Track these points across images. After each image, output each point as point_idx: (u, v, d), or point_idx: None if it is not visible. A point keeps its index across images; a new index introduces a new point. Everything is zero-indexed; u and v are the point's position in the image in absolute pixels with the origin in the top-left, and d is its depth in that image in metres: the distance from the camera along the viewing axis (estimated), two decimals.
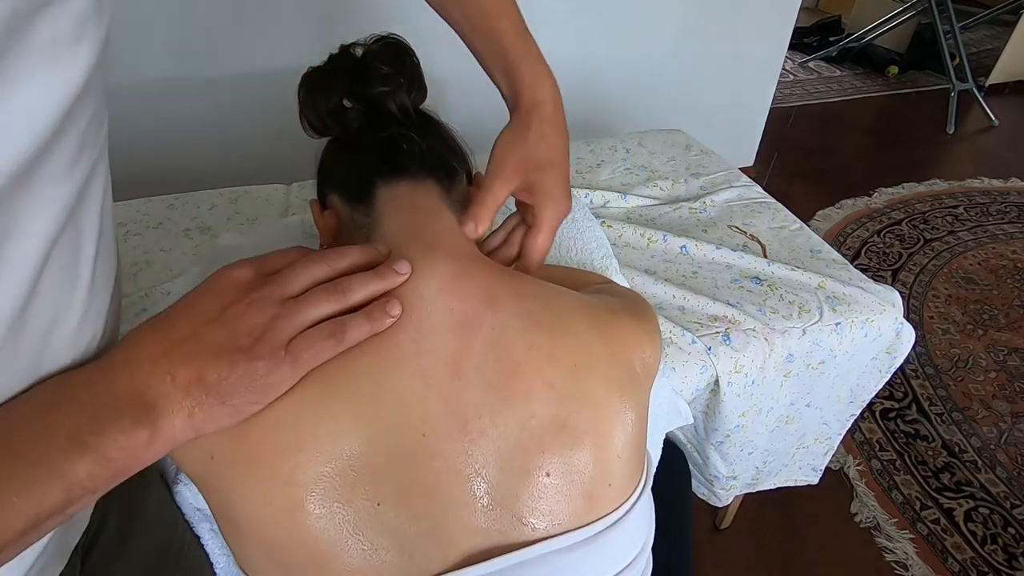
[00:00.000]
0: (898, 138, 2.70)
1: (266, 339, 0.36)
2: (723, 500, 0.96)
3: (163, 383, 0.34)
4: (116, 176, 0.43)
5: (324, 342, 0.38)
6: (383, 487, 0.39)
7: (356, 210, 0.53)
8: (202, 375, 0.35)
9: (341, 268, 0.41)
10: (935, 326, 1.69)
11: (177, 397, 0.34)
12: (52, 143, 0.30)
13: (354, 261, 0.42)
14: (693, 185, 1.07)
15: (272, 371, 0.36)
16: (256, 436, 0.38)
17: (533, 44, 0.57)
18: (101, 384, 0.34)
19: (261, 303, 0.37)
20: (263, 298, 0.37)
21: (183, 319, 0.37)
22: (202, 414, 0.35)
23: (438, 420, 0.40)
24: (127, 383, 0.34)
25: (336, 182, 0.57)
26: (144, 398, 0.34)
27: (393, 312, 0.40)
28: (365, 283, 0.41)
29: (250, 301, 0.37)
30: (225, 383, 0.35)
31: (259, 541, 0.39)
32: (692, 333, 0.77)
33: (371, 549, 0.38)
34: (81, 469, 0.32)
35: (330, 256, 0.41)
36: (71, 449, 0.32)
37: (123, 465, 0.33)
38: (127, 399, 0.34)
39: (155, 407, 0.34)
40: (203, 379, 0.35)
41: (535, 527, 0.40)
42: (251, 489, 0.38)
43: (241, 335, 0.36)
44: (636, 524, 0.44)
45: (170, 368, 0.34)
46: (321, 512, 0.37)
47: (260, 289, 0.38)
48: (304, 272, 0.40)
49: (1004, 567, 1.16)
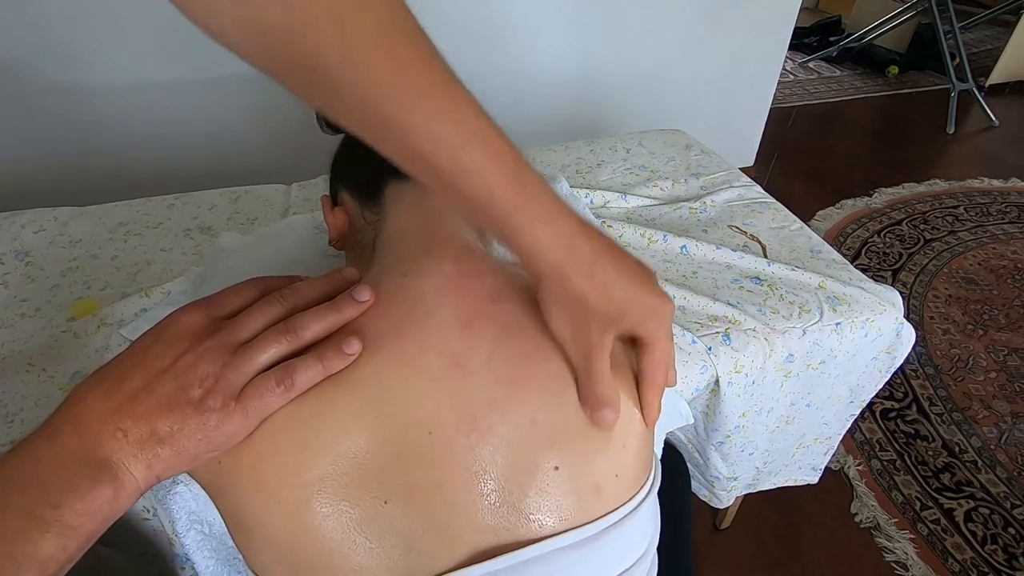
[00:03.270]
0: (898, 138, 2.70)
1: (217, 390, 0.35)
2: (724, 502, 0.96)
3: (115, 439, 0.33)
4: (116, 176, 0.43)
5: (273, 391, 0.36)
6: (390, 485, 0.39)
7: (365, 208, 0.54)
8: (154, 429, 0.34)
9: (300, 305, 0.39)
10: (935, 326, 1.69)
11: (132, 452, 0.34)
12: None
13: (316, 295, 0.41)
14: (693, 185, 1.07)
15: (224, 423, 0.35)
16: (262, 438, 0.38)
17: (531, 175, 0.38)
18: (47, 453, 0.33)
19: (212, 352, 0.36)
20: (214, 346, 0.36)
21: (133, 371, 0.35)
22: (160, 465, 0.34)
23: (445, 417, 0.40)
24: (76, 446, 0.33)
25: (347, 179, 0.57)
26: (97, 457, 0.33)
27: (350, 350, 0.38)
28: (320, 318, 0.39)
29: (202, 350, 0.36)
30: (178, 435, 0.34)
31: (270, 544, 0.39)
32: (692, 333, 0.77)
33: (379, 547, 0.38)
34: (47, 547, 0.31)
35: (288, 294, 0.40)
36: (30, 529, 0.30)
37: (92, 528, 0.33)
38: (79, 462, 0.33)
39: (111, 463, 0.33)
40: (156, 432, 0.34)
41: (543, 523, 0.40)
42: (259, 491, 0.38)
43: (192, 386, 0.35)
44: (642, 522, 0.44)
45: (120, 424, 0.34)
46: (328, 511, 0.37)
47: (212, 336, 0.36)
48: (258, 314, 0.38)
49: (1004, 567, 1.16)
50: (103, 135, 1.45)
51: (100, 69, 1.37)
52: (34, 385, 0.68)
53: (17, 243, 0.91)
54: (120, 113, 1.43)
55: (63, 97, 1.37)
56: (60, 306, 0.80)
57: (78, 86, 1.37)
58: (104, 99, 1.40)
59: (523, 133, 1.58)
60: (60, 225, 0.94)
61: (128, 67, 1.39)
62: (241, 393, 0.36)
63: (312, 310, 0.39)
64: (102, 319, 0.77)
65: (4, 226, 0.94)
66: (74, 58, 1.34)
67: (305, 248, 0.81)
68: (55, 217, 0.96)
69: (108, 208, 0.98)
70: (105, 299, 0.81)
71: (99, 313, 0.78)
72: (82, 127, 1.43)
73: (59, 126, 1.41)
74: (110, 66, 1.37)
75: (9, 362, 0.72)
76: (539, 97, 1.79)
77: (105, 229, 0.94)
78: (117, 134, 1.46)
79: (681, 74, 1.95)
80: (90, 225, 0.95)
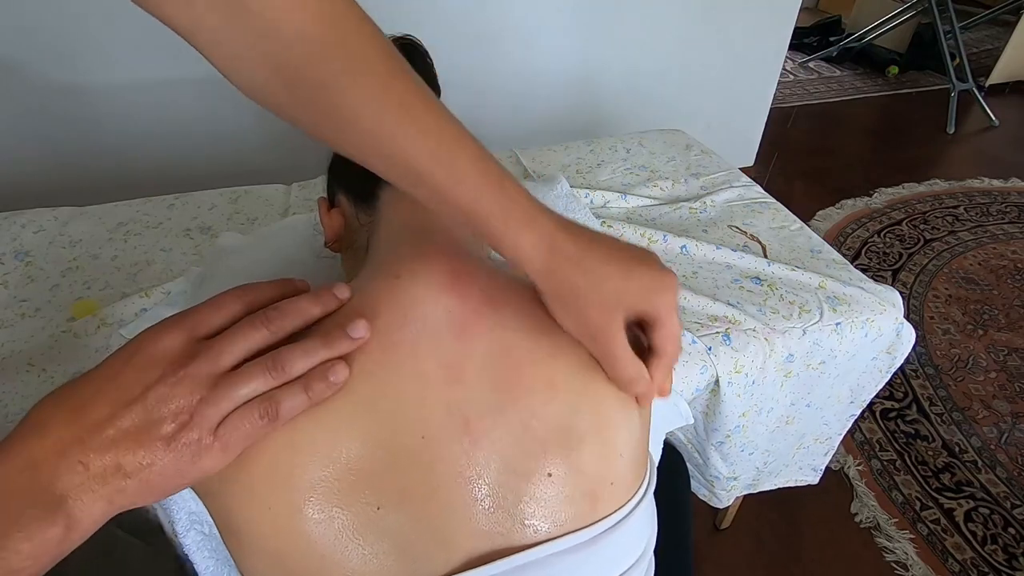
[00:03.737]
0: (898, 138, 2.70)
1: (192, 424, 0.33)
2: (724, 501, 0.96)
3: (74, 473, 0.31)
4: (116, 176, 0.43)
5: (256, 423, 0.35)
6: (383, 490, 0.38)
7: (360, 209, 0.53)
8: (120, 463, 0.31)
9: (286, 331, 0.37)
10: (935, 326, 1.69)
11: (93, 486, 0.31)
12: None
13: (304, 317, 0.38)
14: (693, 185, 1.07)
15: (199, 458, 0.33)
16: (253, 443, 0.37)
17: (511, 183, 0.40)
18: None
19: (187, 383, 0.33)
20: (190, 376, 0.33)
21: (100, 398, 0.32)
22: (124, 499, 0.32)
23: (438, 422, 0.39)
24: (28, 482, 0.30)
25: (343, 181, 0.57)
26: (51, 493, 0.30)
27: (337, 379, 0.37)
28: (309, 355, 0.36)
29: (176, 381, 0.33)
30: (148, 471, 0.32)
31: (260, 549, 0.38)
32: (692, 333, 0.77)
33: (372, 553, 0.38)
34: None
35: (274, 317, 0.37)
36: None
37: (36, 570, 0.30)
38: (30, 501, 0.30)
39: (66, 500, 0.30)
40: (122, 467, 0.32)
41: (537, 529, 0.40)
42: (250, 495, 0.38)
43: (165, 421, 0.32)
44: (639, 525, 0.44)
45: (82, 456, 0.31)
46: (320, 517, 0.37)
47: (188, 364, 0.33)
48: (239, 339, 0.35)
49: (1004, 567, 1.16)
50: (103, 135, 1.45)
51: (100, 69, 1.37)
52: (34, 385, 0.68)
53: (17, 243, 0.91)
54: (120, 113, 1.43)
55: (63, 97, 1.37)
56: (60, 306, 0.80)
57: (78, 86, 1.37)
58: (104, 99, 1.40)
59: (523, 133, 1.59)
60: (60, 225, 0.94)
61: (128, 67, 1.39)
62: (220, 426, 0.34)
63: (301, 346, 0.36)
64: (102, 319, 0.77)
65: (4, 226, 0.94)
66: (74, 58, 1.34)
67: (305, 248, 0.80)
68: (55, 217, 0.96)
69: (108, 208, 0.98)
70: (105, 299, 0.81)
71: (99, 313, 0.78)
72: (82, 127, 1.42)
73: (59, 126, 1.41)
74: (110, 66, 1.37)
75: (9, 362, 0.72)
76: (539, 97, 1.79)
77: (105, 229, 0.94)
78: (117, 134, 1.46)
79: (681, 74, 1.95)
80: (90, 225, 0.95)
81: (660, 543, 0.48)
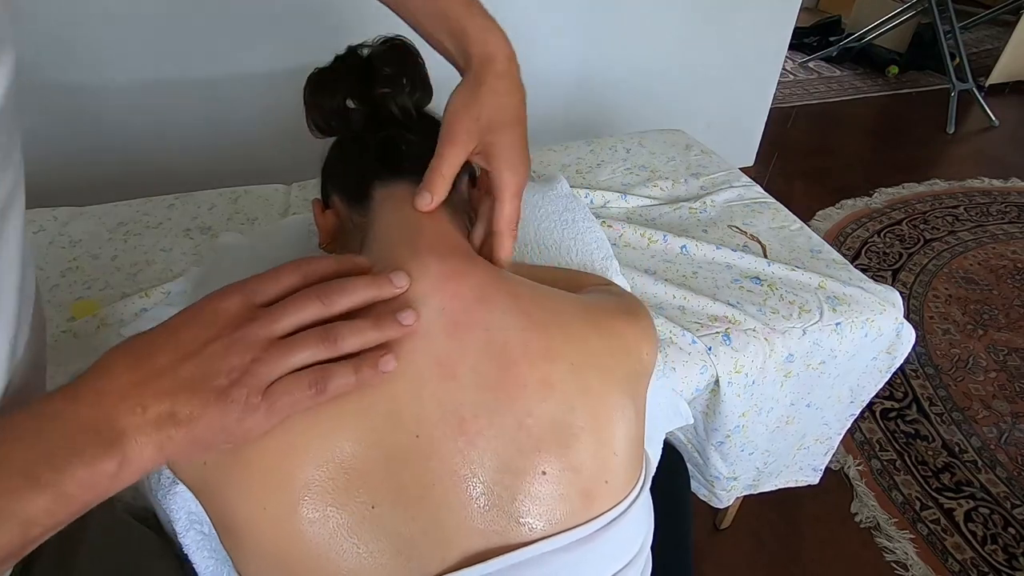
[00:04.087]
0: (898, 138, 2.70)
1: (243, 382, 0.34)
2: (724, 501, 0.96)
3: (133, 414, 0.33)
4: (116, 176, 0.43)
5: (304, 392, 0.35)
6: (378, 489, 0.38)
7: (354, 210, 0.53)
8: (175, 411, 0.33)
9: (339, 308, 0.38)
10: (935, 326, 1.69)
11: (147, 430, 0.33)
12: None
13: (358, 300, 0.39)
14: (693, 185, 1.07)
15: (245, 417, 0.34)
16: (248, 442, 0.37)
17: (479, 6, 0.54)
18: (64, 414, 0.32)
19: (243, 343, 0.35)
20: (246, 338, 0.35)
21: (162, 349, 0.35)
22: (172, 448, 0.33)
23: (432, 421, 0.40)
24: (93, 414, 0.32)
25: (337, 182, 0.57)
26: (112, 429, 0.32)
27: (386, 368, 0.38)
28: (360, 332, 0.38)
29: (232, 340, 0.35)
30: (197, 422, 0.33)
31: (257, 548, 0.38)
32: (692, 333, 0.77)
33: (367, 552, 0.38)
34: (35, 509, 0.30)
35: (329, 292, 0.38)
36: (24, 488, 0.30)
37: (84, 500, 0.32)
38: (93, 431, 0.32)
39: (124, 436, 0.32)
40: (175, 415, 0.33)
41: (532, 527, 0.40)
42: (246, 494, 0.38)
43: (219, 375, 0.34)
44: (635, 523, 0.44)
45: (141, 400, 0.33)
46: (315, 516, 0.37)
47: (246, 326, 0.35)
48: (295, 311, 0.37)
49: (1004, 567, 1.16)
50: (103, 135, 1.45)
51: (100, 69, 1.37)
52: None
53: None
54: (120, 113, 1.43)
55: (63, 97, 1.37)
56: (60, 306, 0.80)
57: (78, 86, 1.37)
58: (104, 99, 1.40)
59: None
60: (60, 225, 0.94)
61: (128, 67, 1.39)
62: (269, 389, 0.35)
63: (354, 324, 0.38)
64: (102, 319, 0.77)
65: None
66: (74, 58, 1.34)
67: (305, 248, 0.81)
68: (55, 217, 0.96)
69: (108, 208, 0.98)
70: (105, 299, 0.81)
71: (99, 313, 0.78)
72: (82, 127, 1.42)
73: (59, 126, 1.41)
74: (110, 66, 1.37)
75: None
76: (539, 97, 1.77)
77: (105, 229, 0.94)
78: (117, 134, 1.46)
79: (681, 74, 1.95)
80: (90, 225, 0.95)
81: (660, 543, 0.48)
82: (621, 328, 0.48)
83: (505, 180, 0.50)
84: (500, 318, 0.43)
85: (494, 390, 0.41)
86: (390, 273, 0.41)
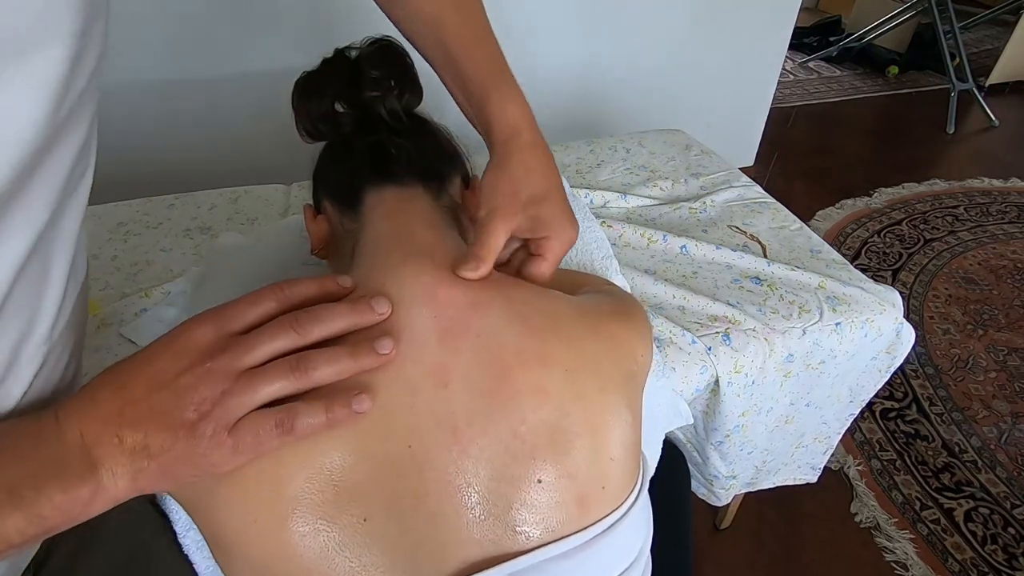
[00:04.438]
0: (898, 138, 2.70)
1: (212, 416, 0.34)
2: (722, 500, 0.96)
3: (111, 444, 0.33)
4: (116, 176, 0.43)
5: (269, 432, 0.35)
6: (370, 501, 0.38)
7: (345, 216, 0.53)
8: (147, 443, 0.33)
9: (315, 338, 0.37)
10: (935, 326, 1.69)
11: (123, 460, 0.33)
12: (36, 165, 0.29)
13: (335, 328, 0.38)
14: (693, 185, 1.07)
15: (212, 452, 0.34)
16: None
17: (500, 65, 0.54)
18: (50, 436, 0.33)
19: (213, 376, 0.34)
20: (216, 369, 0.34)
21: (139, 379, 0.35)
22: (144, 480, 0.34)
23: (425, 430, 0.39)
24: (77, 439, 0.33)
25: (327, 187, 0.56)
26: (91, 456, 0.32)
27: (360, 408, 0.36)
28: (334, 362, 0.36)
29: (203, 372, 0.34)
30: (167, 455, 0.33)
31: (247, 562, 0.38)
32: (692, 333, 0.77)
33: (359, 566, 0.37)
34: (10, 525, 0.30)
35: (304, 321, 0.37)
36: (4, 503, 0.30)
37: (55, 524, 0.32)
38: (74, 455, 0.32)
39: (100, 465, 0.33)
40: (148, 447, 0.33)
41: (529, 535, 0.39)
42: (236, 507, 0.37)
43: (188, 408, 0.33)
44: (633, 527, 0.43)
45: (119, 430, 0.33)
46: (305, 530, 0.37)
47: (217, 356, 0.35)
48: (269, 340, 0.36)
49: (1004, 567, 1.16)
50: (103, 135, 1.43)
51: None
52: None
53: None
54: (120, 113, 1.43)
55: None
56: None
57: None
58: (104, 99, 1.39)
59: None
60: None
61: (129, 67, 1.39)
62: (236, 425, 0.34)
63: (328, 352, 0.37)
64: (102, 319, 0.77)
65: None
66: None
67: (305, 248, 0.80)
68: None
69: (108, 208, 0.98)
70: (105, 299, 0.81)
71: (99, 313, 0.78)
72: None
73: None
74: (111, 66, 1.36)
75: None
76: (539, 97, 1.77)
77: (105, 229, 0.94)
78: (117, 134, 1.45)
79: (681, 74, 1.95)
80: (90, 225, 0.94)
81: (660, 543, 0.48)
82: (616, 330, 0.47)
83: (553, 246, 0.50)
84: (494, 323, 0.42)
85: (487, 397, 0.40)
86: (371, 299, 0.40)
